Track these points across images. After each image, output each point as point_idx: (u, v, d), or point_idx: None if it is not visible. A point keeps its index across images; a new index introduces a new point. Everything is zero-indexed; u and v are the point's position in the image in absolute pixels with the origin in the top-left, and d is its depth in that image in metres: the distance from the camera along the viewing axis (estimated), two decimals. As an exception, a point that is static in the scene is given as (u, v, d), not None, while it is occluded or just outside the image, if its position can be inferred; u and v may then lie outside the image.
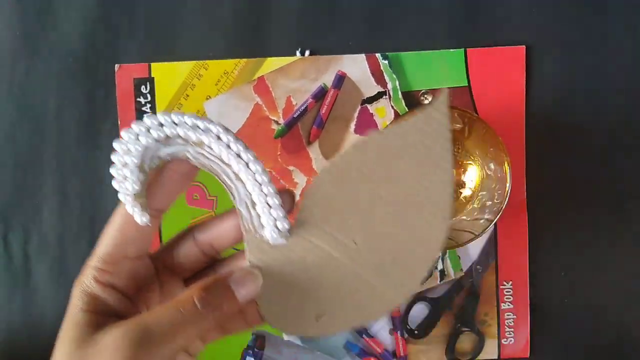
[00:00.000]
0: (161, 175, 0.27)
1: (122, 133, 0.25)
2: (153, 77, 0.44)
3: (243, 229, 0.27)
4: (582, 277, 0.45)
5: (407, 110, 0.44)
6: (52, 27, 0.44)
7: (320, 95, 0.44)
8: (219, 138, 0.26)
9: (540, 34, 0.44)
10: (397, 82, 0.44)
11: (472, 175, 0.44)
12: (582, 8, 0.44)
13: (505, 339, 0.45)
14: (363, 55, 0.44)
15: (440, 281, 0.45)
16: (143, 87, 0.44)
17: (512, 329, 0.45)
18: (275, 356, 0.46)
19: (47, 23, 0.44)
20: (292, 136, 0.45)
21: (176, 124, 0.26)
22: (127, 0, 0.44)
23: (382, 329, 0.46)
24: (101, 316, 0.25)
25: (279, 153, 0.45)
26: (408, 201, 0.28)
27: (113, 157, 0.26)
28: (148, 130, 0.26)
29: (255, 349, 0.46)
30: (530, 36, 0.44)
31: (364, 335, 0.45)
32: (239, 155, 0.26)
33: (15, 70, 0.45)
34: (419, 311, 0.46)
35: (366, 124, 0.45)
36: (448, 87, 0.28)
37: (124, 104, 0.44)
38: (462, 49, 0.44)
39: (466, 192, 0.44)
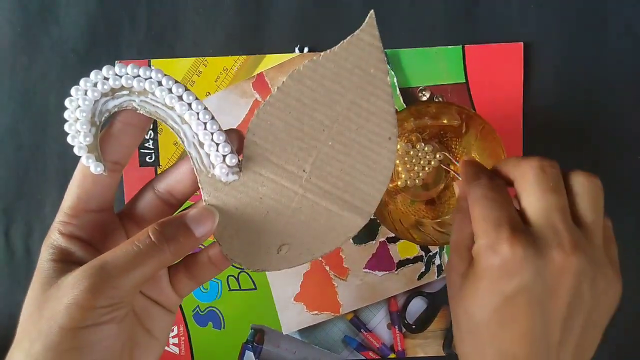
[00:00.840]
0: (111, 127, 0.28)
1: (72, 90, 0.27)
2: (153, 74, 0.44)
3: (196, 171, 0.28)
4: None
5: (404, 106, 0.45)
6: (54, 23, 0.45)
7: (318, 91, 0.44)
8: (160, 84, 0.27)
9: (538, 31, 0.44)
10: (395, 79, 0.45)
11: (470, 171, 0.44)
12: (580, 4, 0.44)
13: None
14: (361, 52, 0.44)
15: (437, 276, 0.45)
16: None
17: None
18: (274, 350, 0.46)
19: (49, 19, 0.45)
20: (291, 132, 0.45)
21: (120, 76, 0.27)
22: (127, -3, 0.45)
23: (380, 324, 0.46)
24: (65, 264, 0.27)
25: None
26: (351, 124, 0.29)
27: (65, 114, 0.27)
28: (95, 85, 0.27)
29: (255, 343, 0.46)
30: (528, 33, 0.44)
31: (362, 330, 0.46)
32: (180, 98, 0.27)
33: (16, 66, 0.45)
34: (417, 306, 0.46)
35: (364, 120, 0.45)
36: (372, 9, 0.29)
37: (124, 100, 0.45)
38: (460, 46, 0.44)
39: (463, 187, 0.44)
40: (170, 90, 0.27)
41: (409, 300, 0.46)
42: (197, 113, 0.27)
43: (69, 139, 0.27)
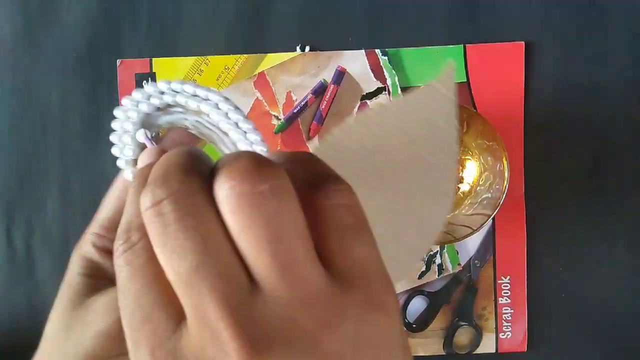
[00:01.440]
0: (159, 143, 0.27)
1: (123, 100, 0.26)
2: (154, 72, 0.44)
3: None
4: (580, 271, 0.46)
5: (406, 105, 0.45)
6: (55, 22, 0.45)
7: (320, 90, 0.45)
8: (217, 107, 0.26)
9: (540, 30, 0.44)
10: (396, 78, 0.45)
11: (471, 171, 0.44)
12: (581, 4, 0.44)
13: (502, 333, 0.46)
14: (363, 51, 0.44)
15: (438, 275, 0.46)
16: (145, 82, 0.45)
17: (510, 323, 0.46)
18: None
19: (50, 18, 0.45)
20: (292, 131, 0.45)
21: (176, 92, 0.26)
22: (129, -5, 0.45)
23: (380, 323, 0.46)
24: (97, 280, 0.26)
25: (279, 148, 0.45)
26: (410, 177, 0.27)
27: (113, 124, 0.26)
28: (148, 98, 0.26)
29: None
30: (530, 32, 0.44)
31: (362, 329, 0.46)
32: (237, 125, 0.26)
33: (17, 65, 0.45)
34: (417, 305, 0.46)
35: (366, 119, 0.45)
36: (452, 60, 0.27)
37: (125, 99, 0.45)
38: (461, 45, 0.44)
39: (464, 187, 0.44)
40: (227, 115, 0.26)
41: (409, 300, 0.46)
42: (252, 143, 0.26)
43: (114, 151, 0.26)
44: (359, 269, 0.17)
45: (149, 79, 0.45)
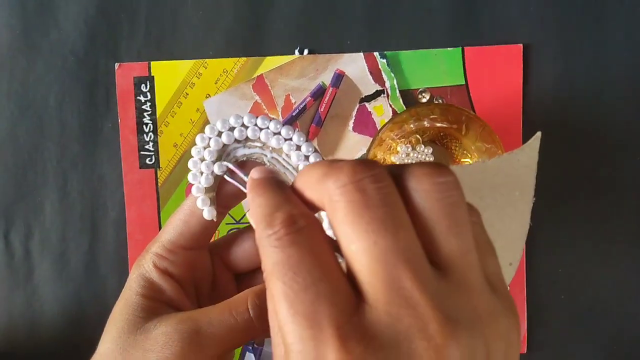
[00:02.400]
0: (235, 175, 0.27)
1: (206, 128, 0.26)
2: (153, 76, 0.44)
3: None
4: (579, 273, 0.46)
5: (404, 108, 0.45)
6: (53, 25, 0.45)
7: (319, 93, 0.45)
8: (298, 148, 0.26)
9: (538, 33, 0.45)
10: (395, 81, 0.45)
11: (470, 173, 0.44)
12: (579, 7, 0.45)
13: (502, 335, 0.46)
14: (361, 54, 0.45)
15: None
16: (143, 85, 0.44)
17: (509, 325, 0.46)
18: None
19: (48, 21, 0.45)
20: (291, 134, 0.45)
21: (260, 129, 0.26)
22: (127, -1, 0.45)
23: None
24: (156, 303, 0.26)
25: (278, 151, 0.45)
26: None
27: (193, 151, 0.27)
28: (231, 130, 0.26)
29: (255, 345, 0.46)
30: (528, 35, 0.45)
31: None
32: None
33: (15, 68, 0.45)
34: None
35: (364, 122, 0.45)
36: (539, 131, 0.27)
37: (124, 103, 0.45)
38: (460, 48, 0.44)
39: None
40: (306, 158, 0.26)
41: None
42: None
43: (190, 177, 0.27)
44: (477, 246, 0.19)
45: (147, 82, 0.44)
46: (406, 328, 0.16)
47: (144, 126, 0.45)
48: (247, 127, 0.26)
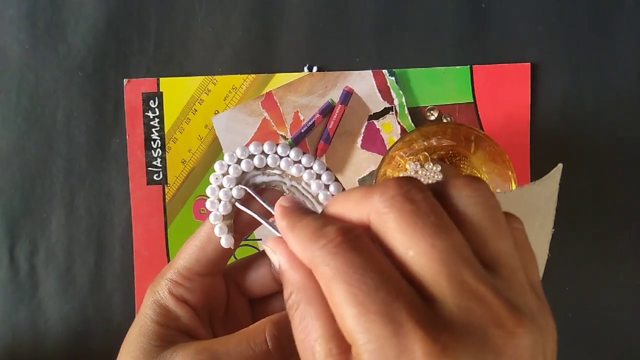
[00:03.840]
0: (253, 203, 0.27)
1: (225, 155, 0.26)
2: (162, 92, 0.44)
3: None
4: (586, 291, 0.46)
5: (413, 126, 0.45)
6: (62, 41, 0.45)
7: (327, 110, 0.45)
8: (318, 177, 0.26)
9: (546, 52, 0.45)
10: (403, 98, 0.45)
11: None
12: (587, 26, 0.45)
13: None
14: (370, 72, 0.45)
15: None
16: (152, 101, 0.44)
17: (517, 344, 0.46)
18: None
19: (57, 36, 0.45)
20: (299, 151, 0.45)
21: (280, 156, 0.26)
22: (136, 14, 0.45)
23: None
24: (171, 331, 0.26)
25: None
26: None
27: (211, 178, 0.27)
28: (250, 157, 0.26)
29: None
30: (536, 54, 0.45)
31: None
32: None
33: (24, 83, 0.45)
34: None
35: (372, 139, 0.45)
36: (560, 163, 0.27)
37: (132, 119, 0.44)
38: (468, 66, 0.45)
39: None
40: (327, 187, 0.26)
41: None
42: None
43: (207, 204, 0.26)
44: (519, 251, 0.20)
45: (155, 98, 0.44)
46: (479, 319, 0.17)
47: (152, 142, 0.44)
48: (267, 155, 0.26)
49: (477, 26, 0.45)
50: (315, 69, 0.45)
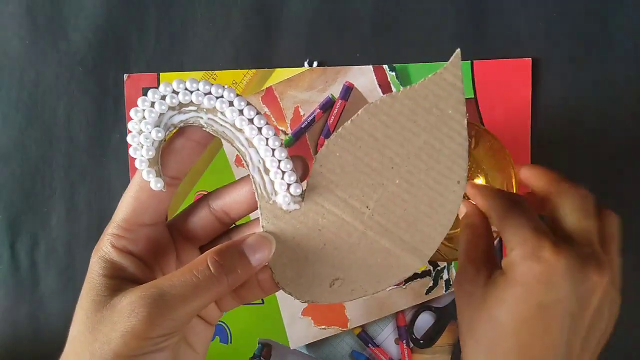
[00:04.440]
0: (174, 143, 0.27)
1: (138, 101, 0.26)
2: (162, 87, 0.44)
3: (257, 196, 0.28)
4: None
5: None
6: (62, 37, 0.45)
7: (328, 105, 0.44)
8: (231, 104, 0.26)
9: (547, 47, 0.45)
10: (404, 94, 0.45)
11: (478, 187, 0.44)
12: (588, 21, 0.45)
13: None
14: (370, 67, 0.45)
15: (445, 291, 0.45)
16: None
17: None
18: (282, 365, 0.46)
19: (57, 32, 0.45)
20: (299, 146, 0.45)
21: (190, 91, 0.26)
22: (136, 10, 0.45)
23: (388, 339, 0.46)
24: (119, 281, 0.26)
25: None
26: (421, 164, 0.28)
27: (129, 125, 0.26)
28: (163, 98, 0.26)
29: (261, 358, 0.46)
30: (537, 49, 0.45)
31: (369, 345, 0.46)
32: (251, 121, 0.27)
33: (24, 79, 0.45)
34: (425, 321, 0.46)
35: (373, 134, 0.45)
36: (458, 48, 0.28)
37: (132, 114, 0.44)
38: (469, 61, 0.44)
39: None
40: (241, 112, 0.26)
41: (416, 315, 0.46)
42: (267, 139, 0.27)
43: (130, 151, 0.26)
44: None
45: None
46: (590, 259, 0.27)
47: (152, 137, 0.44)
48: (177, 93, 0.26)
49: (478, 21, 0.45)
50: (315, 64, 0.44)
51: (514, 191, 0.40)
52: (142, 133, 0.26)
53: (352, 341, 0.46)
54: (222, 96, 0.26)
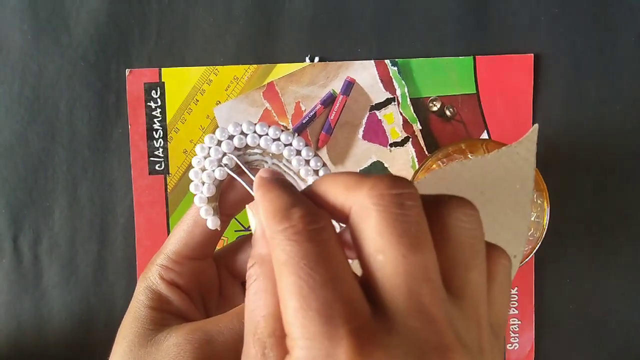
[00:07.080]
0: (235, 182, 0.27)
1: (205, 138, 0.26)
2: (164, 82, 0.44)
3: None
4: (587, 284, 0.46)
5: (415, 116, 0.45)
6: (64, 31, 0.45)
7: (329, 101, 0.44)
8: (298, 153, 0.26)
9: (549, 43, 0.44)
10: (405, 89, 0.44)
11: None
12: (590, 17, 0.44)
13: (510, 345, 0.46)
14: (372, 62, 0.44)
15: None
16: (153, 91, 0.44)
17: (517, 335, 0.46)
18: None
19: (59, 27, 0.45)
20: (301, 141, 0.45)
21: (259, 135, 0.26)
22: (138, 4, 0.44)
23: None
24: (164, 314, 0.26)
25: (287, 158, 0.45)
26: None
27: (193, 161, 0.27)
28: (230, 138, 0.26)
29: None
30: (539, 44, 0.44)
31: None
32: (316, 173, 0.27)
33: (26, 73, 0.45)
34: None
35: (374, 130, 0.45)
36: (536, 124, 0.27)
37: (134, 109, 0.45)
38: (471, 56, 0.44)
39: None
40: (307, 162, 0.26)
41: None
42: None
43: (191, 188, 0.26)
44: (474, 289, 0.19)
45: (157, 88, 0.44)
46: (423, 341, 0.16)
47: (154, 132, 0.45)
48: (246, 135, 0.26)
49: (481, 16, 0.44)
50: (317, 59, 0.44)
51: (546, 209, 0.38)
52: (205, 170, 0.26)
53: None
54: (290, 144, 0.26)
